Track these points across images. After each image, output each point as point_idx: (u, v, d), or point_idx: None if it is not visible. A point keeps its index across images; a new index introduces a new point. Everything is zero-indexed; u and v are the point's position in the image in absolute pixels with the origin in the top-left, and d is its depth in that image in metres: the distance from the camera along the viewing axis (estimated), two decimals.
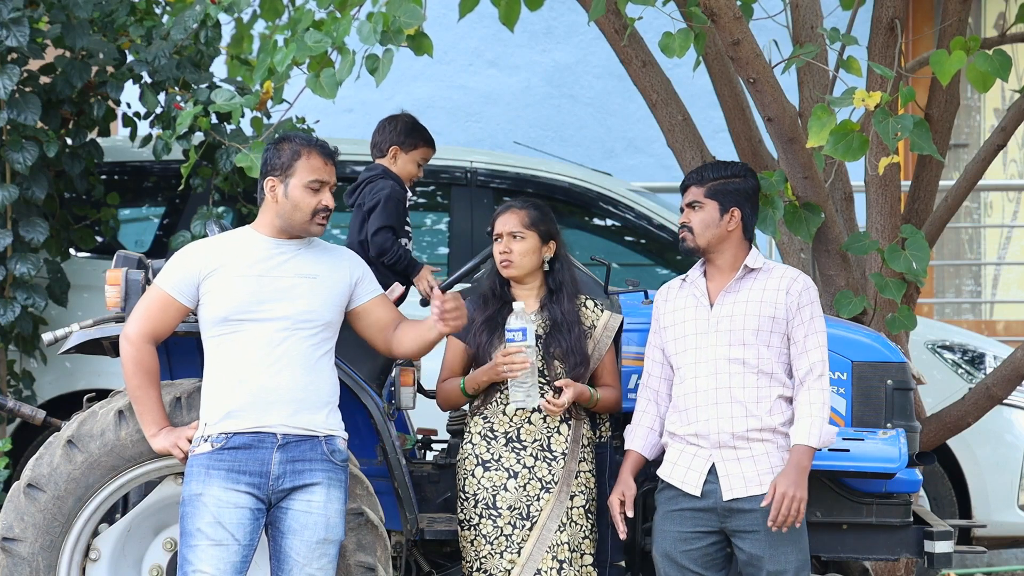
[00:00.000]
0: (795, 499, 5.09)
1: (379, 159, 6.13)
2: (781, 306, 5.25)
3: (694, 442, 5.24)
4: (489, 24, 9.91)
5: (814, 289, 5.32)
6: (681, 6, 6.07)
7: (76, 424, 5.33)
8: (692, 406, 5.25)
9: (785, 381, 5.26)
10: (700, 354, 5.27)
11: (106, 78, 7.69)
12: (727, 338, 5.24)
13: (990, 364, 8.04)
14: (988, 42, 6.69)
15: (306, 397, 5.10)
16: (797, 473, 5.12)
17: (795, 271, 5.34)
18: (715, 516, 5.20)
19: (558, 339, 5.45)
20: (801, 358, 5.24)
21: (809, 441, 5.14)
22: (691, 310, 5.33)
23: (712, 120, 8.24)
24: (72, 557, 5.34)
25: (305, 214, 5.14)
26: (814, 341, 5.24)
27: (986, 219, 11.73)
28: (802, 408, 5.19)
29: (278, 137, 5.24)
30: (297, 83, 6.41)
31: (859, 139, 5.56)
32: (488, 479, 5.41)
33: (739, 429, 5.19)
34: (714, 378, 5.23)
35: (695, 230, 5.32)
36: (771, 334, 5.25)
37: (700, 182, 5.34)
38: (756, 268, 5.32)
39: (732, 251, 5.33)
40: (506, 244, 5.48)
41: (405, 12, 5.93)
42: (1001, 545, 8.10)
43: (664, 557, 5.26)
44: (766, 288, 5.28)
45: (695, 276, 5.39)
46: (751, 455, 5.19)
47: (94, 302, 7.68)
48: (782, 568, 5.16)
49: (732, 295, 5.29)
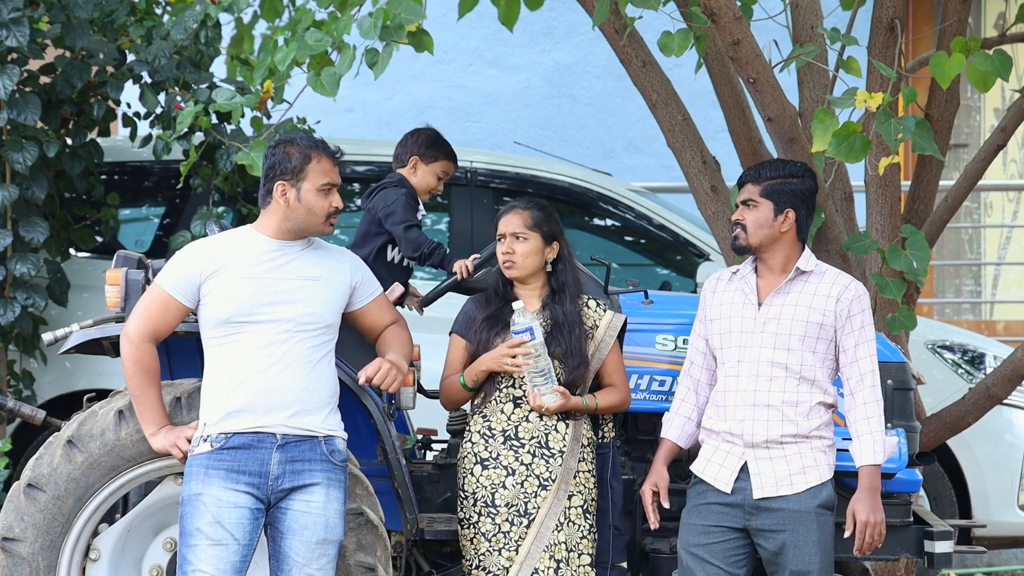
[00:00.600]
0: (876, 524, 5.13)
1: (399, 169, 6.12)
2: (830, 313, 5.20)
3: (728, 440, 5.22)
4: (489, 24, 9.91)
5: (866, 296, 5.26)
6: (681, 6, 6.07)
7: (76, 424, 5.33)
8: (731, 404, 5.22)
9: (827, 388, 5.22)
10: (744, 353, 5.23)
11: (106, 78, 7.69)
12: (772, 340, 5.20)
13: (990, 364, 8.04)
14: (988, 42, 6.69)
15: (306, 398, 5.10)
16: (871, 497, 5.13)
17: (847, 277, 5.28)
18: (741, 512, 5.19)
19: (559, 339, 5.45)
20: (852, 367, 5.20)
21: (875, 460, 5.14)
22: (738, 306, 5.28)
23: (712, 120, 8.24)
24: (72, 557, 5.33)
25: (319, 217, 5.16)
26: (865, 350, 5.20)
27: (986, 219, 11.73)
28: (859, 425, 5.17)
29: (281, 139, 5.23)
30: (297, 83, 6.41)
31: (862, 140, 5.56)
32: (487, 477, 5.41)
33: (774, 433, 5.17)
34: (755, 380, 5.20)
35: (748, 229, 5.26)
36: (817, 340, 5.20)
37: (757, 180, 5.28)
38: (808, 271, 5.26)
39: (784, 252, 5.27)
40: (509, 245, 5.48)
41: (405, 9, 5.93)
42: (1001, 545, 8.10)
43: (685, 549, 5.24)
44: (816, 293, 5.22)
45: (746, 271, 5.33)
46: (784, 455, 5.17)
47: (94, 302, 7.68)
48: (806, 568, 5.14)
49: (781, 296, 5.24)
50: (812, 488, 5.16)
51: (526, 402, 5.44)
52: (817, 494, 5.16)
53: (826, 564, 5.17)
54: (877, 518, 5.12)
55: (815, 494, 5.15)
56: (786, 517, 5.13)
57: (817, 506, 5.15)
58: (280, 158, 5.16)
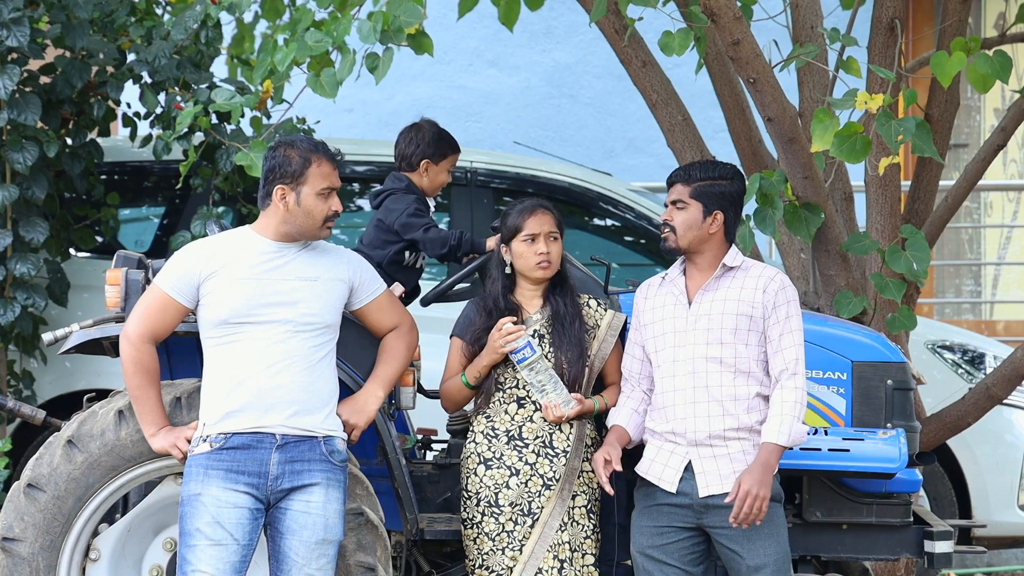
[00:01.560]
0: (758, 497, 5.09)
1: (407, 172, 6.10)
2: (758, 305, 5.26)
3: (671, 439, 5.26)
4: (489, 24, 9.91)
5: (791, 288, 5.32)
6: (681, 6, 6.07)
7: (76, 424, 5.33)
8: (670, 404, 5.27)
9: (763, 380, 5.27)
10: (679, 352, 5.28)
11: (106, 78, 7.69)
12: (705, 336, 5.26)
13: (990, 364, 8.04)
14: (988, 42, 6.70)
15: (306, 398, 5.10)
16: (762, 471, 5.12)
17: (773, 270, 5.35)
18: (691, 512, 5.22)
19: (559, 332, 5.46)
20: (776, 357, 5.25)
21: (779, 439, 5.15)
22: (670, 308, 5.34)
23: (712, 120, 8.24)
24: (72, 557, 5.33)
25: (317, 221, 5.15)
26: (789, 340, 5.24)
27: (986, 219, 11.74)
28: (774, 407, 5.20)
29: (280, 141, 5.22)
30: (297, 83, 6.41)
31: (862, 141, 5.56)
32: (490, 477, 5.42)
33: (716, 428, 5.21)
34: (692, 377, 5.25)
35: (677, 230, 5.32)
36: (748, 332, 5.25)
37: (687, 181, 5.34)
38: (734, 266, 5.33)
39: (713, 251, 5.34)
40: (545, 245, 5.47)
41: (405, 11, 5.93)
42: (1001, 545, 8.10)
43: (640, 553, 5.28)
44: (744, 287, 5.29)
45: (675, 274, 5.40)
46: (727, 452, 5.21)
47: (94, 302, 7.68)
48: (762, 563, 5.17)
49: (710, 293, 5.30)
50: None
51: (530, 402, 5.45)
52: None
53: (781, 556, 5.20)
54: (761, 492, 5.08)
55: None
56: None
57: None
58: (280, 161, 5.15)
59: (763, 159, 6.71)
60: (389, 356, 5.37)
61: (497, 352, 5.41)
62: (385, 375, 5.35)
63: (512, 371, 5.46)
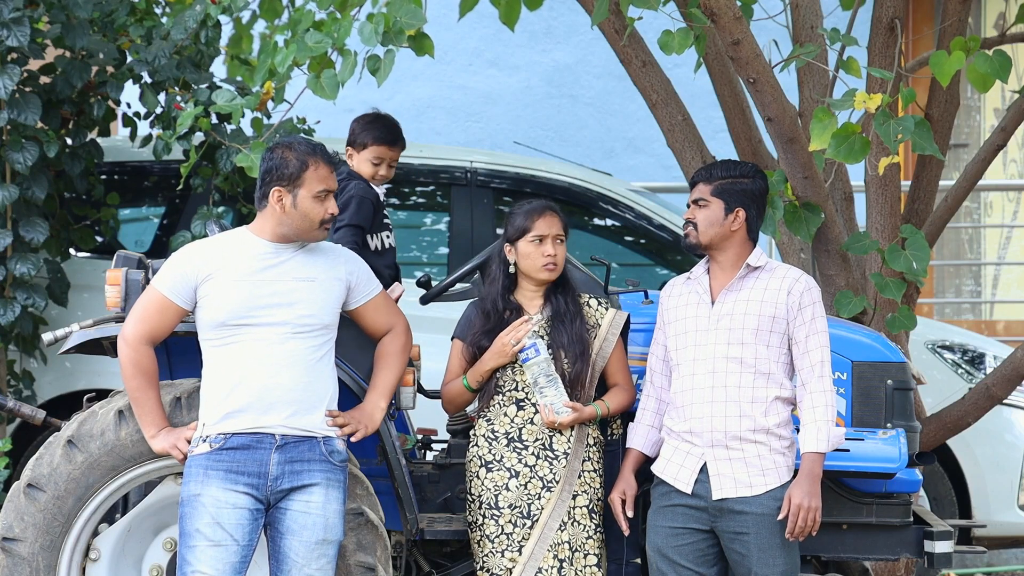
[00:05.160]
0: (811, 509, 5.11)
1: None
2: (782, 306, 5.25)
3: (688, 439, 5.26)
4: (489, 24, 9.92)
5: (816, 289, 5.31)
6: (681, 6, 6.07)
7: (76, 424, 5.33)
8: (688, 403, 5.26)
9: (783, 382, 5.26)
10: (699, 351, 5.27)
11: (106, 78, 7.69)
12: (726, 336, 5.25)
13: (990, 364, 8.04)
14: (988, 42, 6.70)
15: (305, 398, 5.10)
16: (810, 482, 5.13)
17: (797, 271, 5.34)
18: (706, 515, 5.21)
19: (560, 329, 5.46)
20: (803, 358, 5.24)
21: (818, 448, 5.15)
22: (692, 307, 5.33)
23: (712, 120, 8.24)
24: (72, 557, 5.34)
25: (314, 223, 5.15)
26: (815, 341, 5.24)
27: (986, 219, 11.73)
28: (807, 414, 5.19)
29: (278, 143, 5.21)
30: (298, 83, 6.41)
31: (861, 141, 5.56)
32: (491, 480, 5.42)
33: (733, 429, 5.20)
34: (711, 376, 5.24)
35: (699, 227, 5.32)
36: (771, 334, 5.25)
37: (708, 180, 5.34)
38: (758, 266, 5.32)
39: (735, 250, 5.33)
40: (552, 247, 5.47)
41: (406, 13, 5.93)
42: (1001, 545, 8.10)
43: (656, 552, 5.27)
44: (767, 287, 5.28)
45: (699, 273, 5.39)
46: (743, 456, 5.20)
47: (94, 302, 7.68)
48: (769, 572, 5.17)
49: (734, 293, 5.30)
50: (772, 491, 5.18)
51: (530, 405, 5.44)
52: (777, 497, 5.17)
53: (790, 566, 5.20)
54: (812, 503, 5.11)
55: (775, 497, 5.17)
56: (748, 521, 5.16)
57: (778, 508, 5.16)
58: (277, 163, 5.14)
59: (763, 159, 6.71)
60: (387, 363, 5.37)
61: (506, 354, 5.40)
62: (385, 383, 5.35)
63: (512, 373, 5.46)
